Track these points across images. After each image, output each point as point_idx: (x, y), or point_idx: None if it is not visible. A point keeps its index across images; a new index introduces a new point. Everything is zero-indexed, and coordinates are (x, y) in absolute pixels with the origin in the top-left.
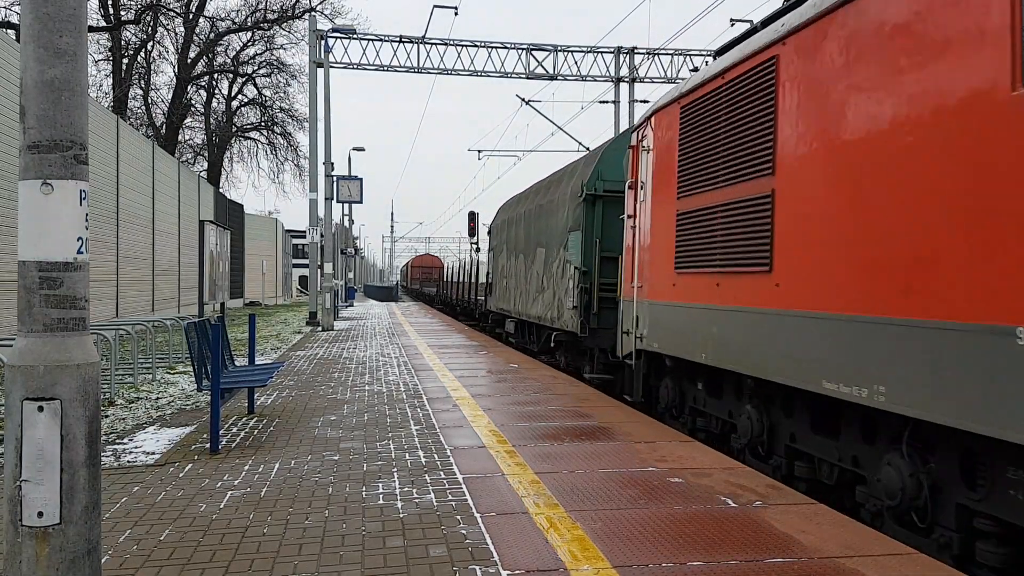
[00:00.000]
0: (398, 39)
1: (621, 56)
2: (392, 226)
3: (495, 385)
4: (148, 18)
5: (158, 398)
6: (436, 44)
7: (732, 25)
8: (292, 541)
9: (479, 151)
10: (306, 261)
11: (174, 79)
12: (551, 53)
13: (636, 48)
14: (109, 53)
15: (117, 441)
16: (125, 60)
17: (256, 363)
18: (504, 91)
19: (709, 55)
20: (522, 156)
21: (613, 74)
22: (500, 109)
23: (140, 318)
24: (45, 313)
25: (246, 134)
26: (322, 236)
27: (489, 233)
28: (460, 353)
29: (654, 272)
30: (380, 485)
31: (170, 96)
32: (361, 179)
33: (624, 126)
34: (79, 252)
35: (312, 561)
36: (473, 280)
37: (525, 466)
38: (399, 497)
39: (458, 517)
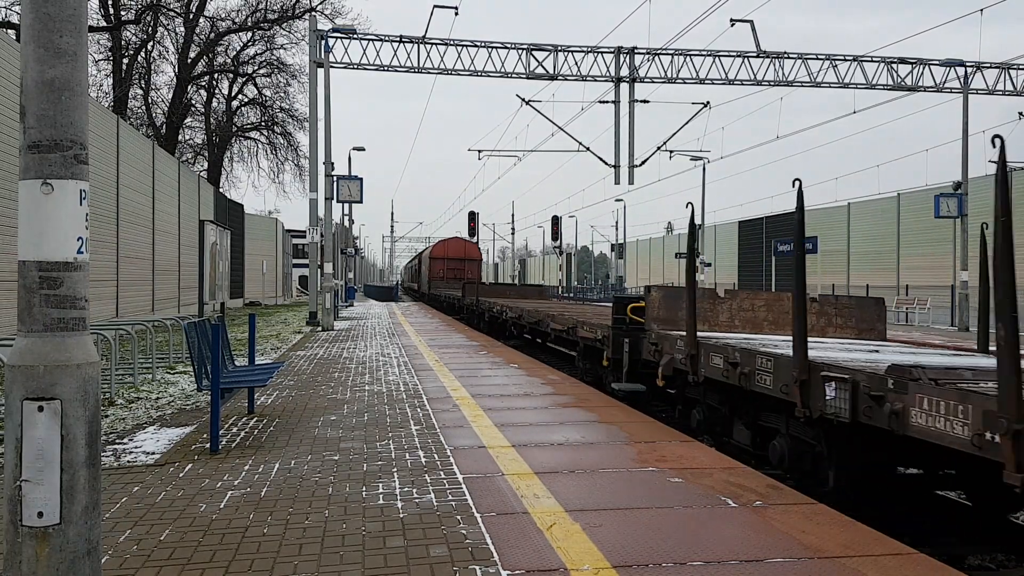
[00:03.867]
0: (398, 39)
1: (621, 56)
2: (392, 226)
3: (495, 385)
4: (148, 18)
5: (158, 398)
6: (436, 44)
7: (732, 25)
8: (292, 541)
9: (479, 151)
10: (306, 261)
11: (174, 79)
12: (551, 53)
13: (636, 48)
14: (109, 53)
15: (117, 441)
16: (125, 60)
17: (256, 363)
18: (504, 91)
19: (709, 55)
20: (522, 156)
21: (613, 74)
22: (500, 109)
23: (140, 318)
24: (45, 313)
25: (246, 134)
26: (322, 236)
27: None
28: (460, 353)
29: None
30: (380, 485)
31: (170, 96)
32: (361, 179)
33: (625, 126)
34: (79, 252)
35: (312, 561)
36: None
37: (525, 466)
38: (399, 497)
39: (458, 517)
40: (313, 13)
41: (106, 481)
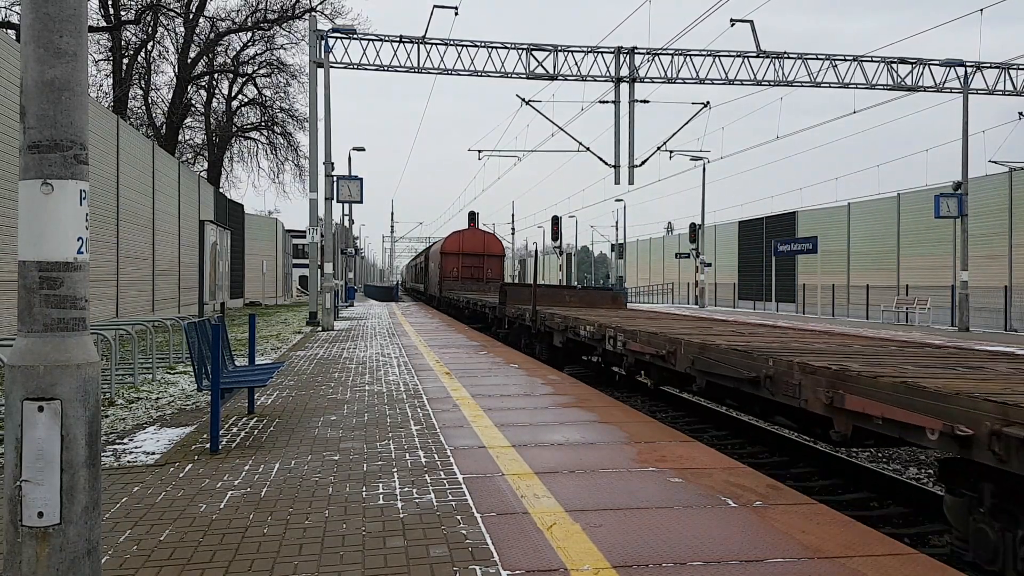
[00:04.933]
0: (398, 39)
1: (621, 56)
2: (392, 226)
3: (496, 385)
4: (148, 18)
5: (158, 398)
6: (436, 44)
7: (732, 25)
8: (292, 541)
9: (479, 151)
10: (306, 261)
11: (174, 79)
12: (551, 53)
13: (636, 48)
14: (109, 53)
15: (117, 441)
16: (125, 60)
17: (256, 363)
18: (504, 91)
19: (709, 55)
20: (522, 156)
21: (613, 74)
22: (500, 109)
23: (140, 318)
24: (45, 313)
25: (246, 134)
26: (322, 236)
27: None
28: (460, 353)
29: None
30: (380, 485)
31: (170, 96)
32: (361, 179)
33: (625, 126)
34: (79, 252)
35: (312, 561)
36: None
37: (525, 466)
38: (399, 497)
39: (458, 517)
40: (313, 13)
41: (106, 481)
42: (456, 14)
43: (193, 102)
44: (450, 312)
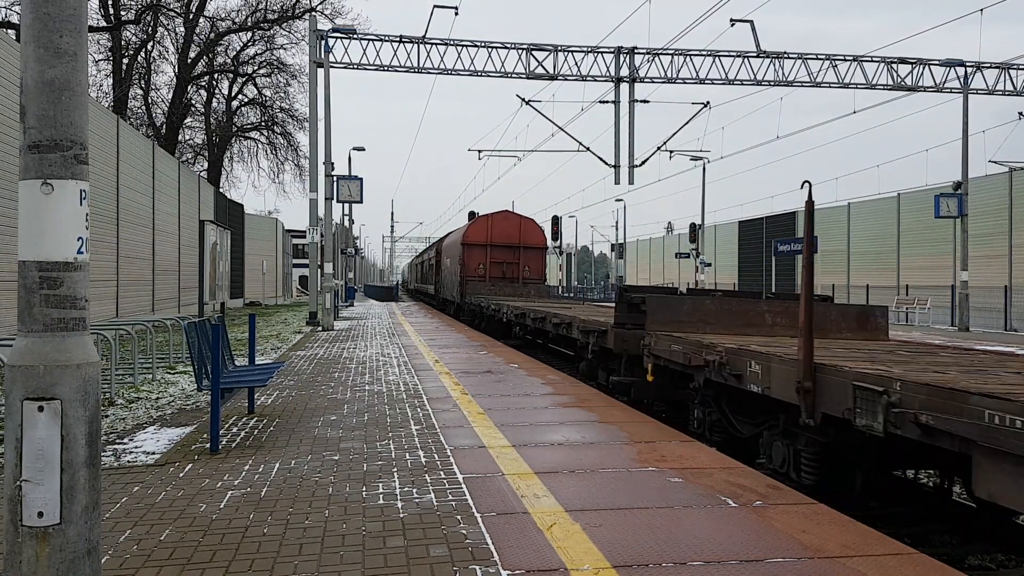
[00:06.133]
0: (398, 39)
1: (621, 56)
2: (392, 226)
3: (496, 385)
4: (148, 18)
5: (158, 398)
6: (436, 44)
7: (732, 25)
8: (292, 541)
9: (479, 151)
10: (306, 261)
11: (174, 79)
12: (551, 53)
13: (636, 48)
14: (109, 53)
15: (117, 441)
16: (125, 60)
17: (256, 363)
18: (504, 91)
19: (709, 55)
20: (522, 156)
21: (613, 74)
22: (500, 109)
23: (140, 318)
24: (45, 313)
25: (246, 134)
26: (322, 236)
27: None
28: (460, 352)
29: None
30: (380, 485)
31: (170, 96)
32: (361, 179)
33: (624, 127)
34: (79, 252)
35: (312, 561)
36: None
37: (525, 466)
38: (399, 497)
39: (458, 517)
40: (313, 13)
41: (106, 481)
42: (456, 14)
43: (193, 102)
44: (481, 326)
